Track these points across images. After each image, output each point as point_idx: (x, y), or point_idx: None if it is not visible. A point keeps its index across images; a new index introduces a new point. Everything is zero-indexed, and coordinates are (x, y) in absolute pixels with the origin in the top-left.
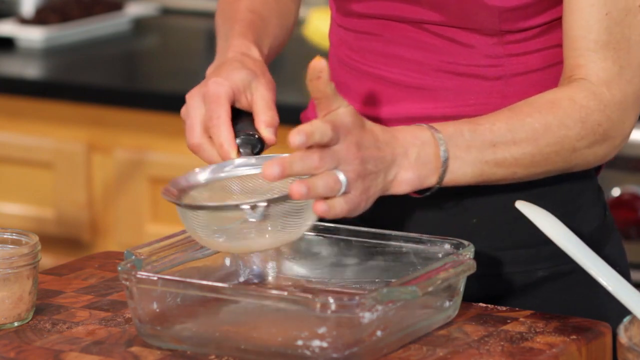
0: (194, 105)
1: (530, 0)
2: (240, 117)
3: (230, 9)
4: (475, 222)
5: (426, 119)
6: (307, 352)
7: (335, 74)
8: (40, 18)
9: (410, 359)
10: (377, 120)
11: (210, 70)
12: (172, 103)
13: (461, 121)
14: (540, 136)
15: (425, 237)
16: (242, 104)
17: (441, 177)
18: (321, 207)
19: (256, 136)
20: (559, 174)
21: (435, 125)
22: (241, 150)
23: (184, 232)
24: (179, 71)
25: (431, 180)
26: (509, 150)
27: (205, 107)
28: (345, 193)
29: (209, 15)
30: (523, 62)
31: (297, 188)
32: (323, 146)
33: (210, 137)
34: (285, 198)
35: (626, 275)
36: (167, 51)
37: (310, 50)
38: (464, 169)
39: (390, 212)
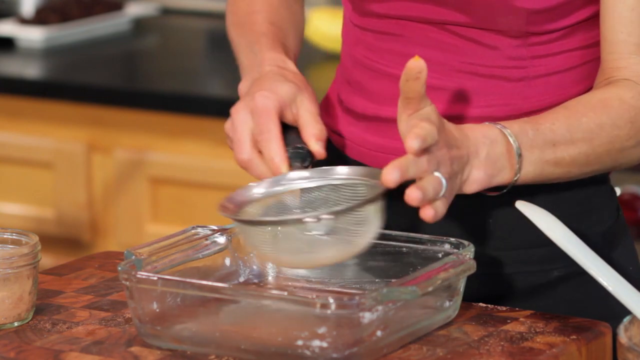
0: (242, 119)
1: (558, 2)
2: (286, 130)
3: (247, 21)
4: (492, 222)
5: (446, 119)
6: (307, 352)
7: (349, 73)
8: (40, 18)
9: (410, 359)
10: (390, 120)
11: (244, 85)
12: (172, 103)
13: (523, 120)
14: (595, 136)
15: (425, 237)
16: (288, 118)
17: (517, 173)
18: (430, 213)
19: (305, 149)
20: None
21: (502, 123)
22: (292, 164)
23: (184, 232)
24: (179, 71)
25: (500, 179)
26: (567, 150)
27: (253, 121)
28: (442, 195)
29: (209, 15)
30: (545, 64)
31: (415, 195)
32: (425, 149)
33: (259, 152)
34: (350, 209)
35: (638, 276)
36: (167, 51)
37: (310, 50)
38: (527, 168)
39: (407, 212)
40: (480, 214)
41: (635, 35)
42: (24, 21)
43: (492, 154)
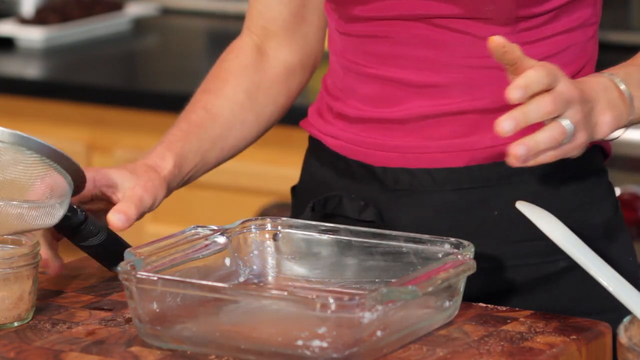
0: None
1: None
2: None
3: (196, 95)
4: (497, 215)
5: (438, 115)
6: (307, 352)
7: (339, 81)
8: (40, 18)
9: (410, 359)
10: (387, 121)
11: None
12: (172, 103)
13: (623, 65)
14: None
15: (425, 237)
16: (104, 195)
17: (630, 114)
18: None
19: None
20: (573, 168)
21: (608, 70)
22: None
23: (184, 232)
24: (179, 71)
25: (623, 121)
26: None
27: None
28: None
29: (209, 15)
30: (533, 51)
31: (516, 150)
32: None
33: None
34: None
35: (635, 272)
36: (167, 51)
37: None
38: None
39: (410, 209)
40: (500, 205)
41: None
42: (24, 21)
43: (609, 98)
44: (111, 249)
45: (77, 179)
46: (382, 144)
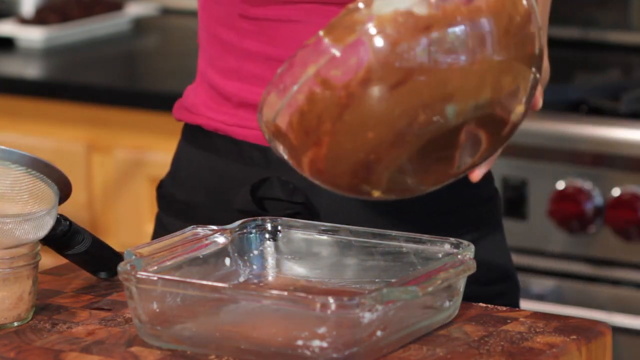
0: None
1: None
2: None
3: None
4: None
5: None
6: (307, 352)
7: (237, 68)
8: (40, 18)
9: (410, 359)
10: None
11: None
12: (172, 103)
13: None
14: None
15: (425, 237)
16: None
17: None
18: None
19: None
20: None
21: None
22: None
23: (184, 232)
24: (179, 71)
25: None
26: None
27: None
28: None
29: None
30: None
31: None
32: None
33: None
34: None
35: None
36: (167, 51)
37: None
38: None
39: (329, 192)
40: None
41: None
42: (24, 21)
43: None
44: (96, 255)
45: (64, 187)
46: None
